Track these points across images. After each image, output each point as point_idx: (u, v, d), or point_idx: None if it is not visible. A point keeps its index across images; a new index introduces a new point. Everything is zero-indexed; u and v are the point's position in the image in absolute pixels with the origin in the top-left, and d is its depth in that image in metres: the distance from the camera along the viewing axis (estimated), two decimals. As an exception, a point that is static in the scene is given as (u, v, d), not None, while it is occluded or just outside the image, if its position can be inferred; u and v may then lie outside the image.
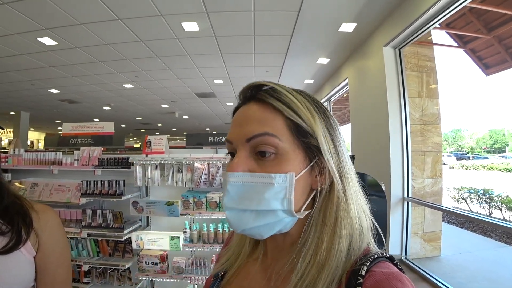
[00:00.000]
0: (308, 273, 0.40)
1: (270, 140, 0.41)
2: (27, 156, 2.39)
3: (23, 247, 0.69)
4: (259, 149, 0.41)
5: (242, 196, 0.41)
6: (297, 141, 0.42)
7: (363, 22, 3.69)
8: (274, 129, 0.41)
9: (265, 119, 0.42)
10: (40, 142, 17.52)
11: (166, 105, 9.25)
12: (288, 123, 0.42)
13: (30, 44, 4.11)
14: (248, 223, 0.41)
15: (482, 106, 10.44)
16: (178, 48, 4.48)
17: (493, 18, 3.36)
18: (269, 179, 0.40)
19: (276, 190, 0.40)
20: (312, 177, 0.43)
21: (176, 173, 2.19)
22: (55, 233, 0.78)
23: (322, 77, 6.43)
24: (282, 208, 0.41)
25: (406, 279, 0.37)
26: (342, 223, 0.41)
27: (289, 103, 0.42)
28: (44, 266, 0.74)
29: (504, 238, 4.60)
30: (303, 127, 0.42)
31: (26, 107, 8.97)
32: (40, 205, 0.79)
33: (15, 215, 0.71)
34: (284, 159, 0.41)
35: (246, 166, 0.42)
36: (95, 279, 2.25)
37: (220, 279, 0.54)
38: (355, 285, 0.37)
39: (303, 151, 0.42)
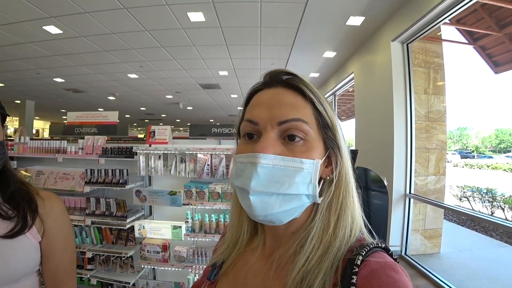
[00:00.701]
0: (314, 255, 0.41)
1: (303, 126, 0.42)
2: (32, 144, 2.41)
3: (29, 232, 0.71)
4: (289, 132, 0.42)
5: (272, 179, 0.41)
6: (321, 131, 0.44)
7: (371, 16, 3.63)
8: (306, 117, 0.43)
9: (298, 106, 0.43)
10: (45, 131, 17.66)
11: (171, 95, 9.24)
12: (315, 113, 0.44)
13: (36, 32, 4.11)
14: (274, 208, 0.42)
15: (490, 104, 10.28)
16: (184, 39, 4.45)
17: (506, 15, 3.27)
18: (300, 164, 0.41)
19: (304, 175, 0.42)
20: (323, 167, 0.45)
21: (179, 164, 2.20)
22: (60, 220, 0.79)
23: (328, 71, 6.37)
24: (307, 192, 0.42)
25: (401, 269, 0.37)
26: (345, 210, 0.44)
27: (318, 95, 0.45)
28: (49, 251, 0.75)
29: (505, 237, 4.58)
30: (326, 120, 0.44)
31: (31, 96, 9.03)
32: (45, 192, 0.80)
33: (21, 201, 0.72)
34: (311, 146, 0.43)
35: (275, 149, 0.42)
36: (98, 266, 2.29)
37: (218, 269, 0.55)
38: (350, 274, 0.37)
39: (323, 142, 0.45)
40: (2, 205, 0.70)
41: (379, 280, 0.35)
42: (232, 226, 0.56)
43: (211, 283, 0.54)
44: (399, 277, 0.36)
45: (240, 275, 0.52)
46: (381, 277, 0.36)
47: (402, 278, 0.36)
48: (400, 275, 0.36)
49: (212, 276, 0.54)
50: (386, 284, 0.35)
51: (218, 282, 0.54)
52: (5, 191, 0.72)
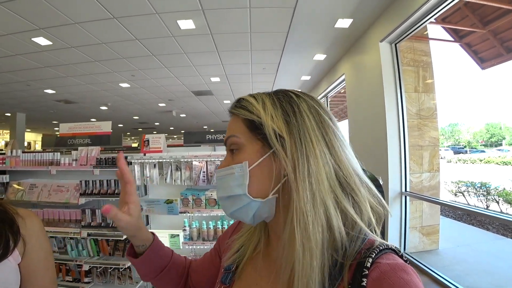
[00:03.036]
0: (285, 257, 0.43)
1: (233, 139, 0.49)
2: (24, 157, 2.38)
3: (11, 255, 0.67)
4: (230, 148, 0.51)
5: (222, 187, 0.50)
6: (253, 134, 0.48)
7: (359, 17, 3.69)
8: (235, 131, 0.50)
9: (231, 126, 0.51)
10: (37, 143, 17.41)
11: (163, 103, 9.21)
12: (245, 122, 0.49)
13: (25, 44, 4.08)
14: (229, 208, 0.49)
15: (479, 100, 10.47)
16: (174, 46, 4.46)
17: (488, 12, 3.36)
18: (231, 170, 0.48)
19: (236, 177, 0.47)
20: (276, 165, 0.46)
21: (175, 172, 2.19)
22: (41, 238, 0.76)
23: (319, 74, 6.43)
24: (242, 192, 0.46)
25: (412, 270, 0.37)
26: (295, 212, 0.42)
27: (247, 106, 0.50)
28: (30, 273, 0.71)
29: (502, 230, 4.64)
30: (255, 122, 0.48)
31: (22, 108, 8.91)
32: (24, 210, 0.76)
33: (1, 224, 0.68)
34: (241, 151, 0.48)
35: (227, 163, 0.50)
36: (96, 279, 2.26)
37: (232, 273, 0.55)
38: (360, 277, 0.37)
39: (261, 142, 0.47)
40: None
41: (390, 282, 0.35)
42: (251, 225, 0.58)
43: (226, 287, 0.54)
44: (410, 278, 0.35)
45: (253, 280, 0.52)
46: (392, 279, 0.35)
47: (414, 279, 0.36)
48: (411, 276, 0.36)
49: (227, 280, 0.54)
50: (398, 286, 0.35)
51: (234, 285, 0.54)
52: None
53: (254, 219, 0.48)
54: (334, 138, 0.47)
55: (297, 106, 0.47)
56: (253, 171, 0.46)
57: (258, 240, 0.56)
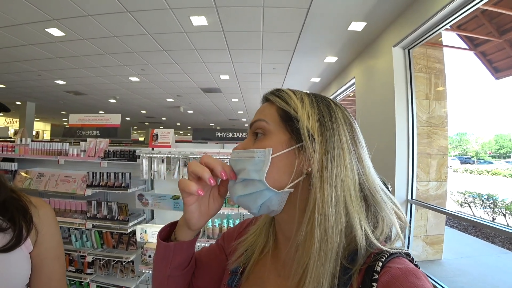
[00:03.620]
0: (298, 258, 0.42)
1: (261, 123, 0.49)
2: (33, 146, 2.40)
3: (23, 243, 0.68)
4: (254, 131, 0.51)
5: (237, 168, 0.48)
6: (283, 124, 0.48)
7: (373, 21, 3.65)
8: (266, 116, 0.50)
9: (263, 111, 0.51)
10: (46, 133, 17.63)
11: (171, 99, 9.25)
12: (279, 111, 0.49)
13: (38, 34, 4.12)
14: (238, 192, 0.47)
15: (490, 110, 10.32)
16: (186, 43, 4.47)
17: (506, 21, 3.30)
18: (251, 153, 0.47)
19: (255, 162, 0.46)
20: (300, 160, 0.46)
21: (183, 167, 2.19)
22: (52, 228, 0.77)
23: (329, 76, 6.39)
24: (259, 178, 0.45)
25: (423, 275, 0.37)
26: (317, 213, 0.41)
27: (285, 97, 0.50)
28: (41, 261, 0.72)
29: (507, 244, 4.57)
30: (290, 113, 0.48)
31: (32, 98, 9.02)
32: (37, 199, 0.78)
33: (15, 212, 0.69)
34: (267, 137, 0.48)
35: (245, 145, 0.51)
36: (98, 270, 2.27)
37: (239, 275, 0.55)
38: (370, 281, 0.37)
39: (289, 134, 0.47)
40: None
41: (400, 287, 0.34)
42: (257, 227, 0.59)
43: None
44: (421, 283, 0.35)
45: (260, 282, 0.52)
46: (403, 284, 0.35)
47: (425, 284, 0.35)
48: (422, 281, 0.35)
49: (234, 283, 0.54)
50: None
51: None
52: None
53: (260, 209, 0.47)
54: (363, 152, 0.48)
55: (334, 112, 0.48)
56: (275, 159, 0.45)
57: (265, 242, 0.56)
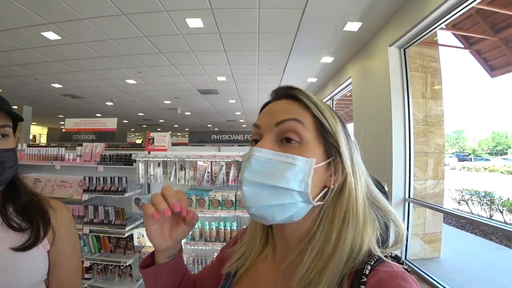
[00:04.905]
0: (314, 266, 0.41)
1: (298, 126, 0.44)
2: (29, 151, 2.39)
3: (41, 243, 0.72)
4: (285, 135, 0.44)
5: (264, 171, 0.42)
6: (320, 137, 0.45)
7: (369, 21, 3.66)
8: (303, 117, 0.45)
9: (296, 110, 0.45)
10: (42, 137, 17.56)
11: (169, 101, 9.24)
12: (314, 119, 0.45)
13: (34, 38, 4.10)
14: (264, 200, 0.42)
15: (486, 107, 10.39)
16: (182, 45, 4.47)
17: (500, 19, 3.32)
18: (292, 160, 0.42)
19: (296, 171, 0.42)
20: (327, 175, 0.45)
21: (179, 171, 2.19)
22: (69, 229, 0.82)
23: (326, 76, 6.40)
24: (299, 189, 0.42)
25: (411, 278, 0.37)
26: (350, 221, 0.43)
27: (317, 103, 0.46)
28: (57, 260, 0.77)
29: (505, 241, 4.59)
30: (326, 126, 0.45)
31: (29, 102, 8.99)
32: (55, 201, 0.82)
33: (34, 214, 0.73)
34: (306, 148, 0.43)
35: (271, 147, 0.44)
36: (96, 275, 2.26)
37: (231, 278, 0.55)
38: (359, 284, 0.37)
39: (323, 147, 0.45)
40: (15, 217, 0.71)
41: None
42: (249, 233, 0.58)
43: None
44: (408, 286, 0.35)
45: (254, 285, 0.52)
46: (389, 287, 0.35)
47: (412, 286, 0.35)
48: (409, 283, 0.35)
49: (226, 286, 0.54)
50: None
51: None
52: (17, 203, 0.73)
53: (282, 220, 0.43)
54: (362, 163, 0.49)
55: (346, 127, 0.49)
56: (314, 172, 0.43)
57: (261, 246, 0.56)
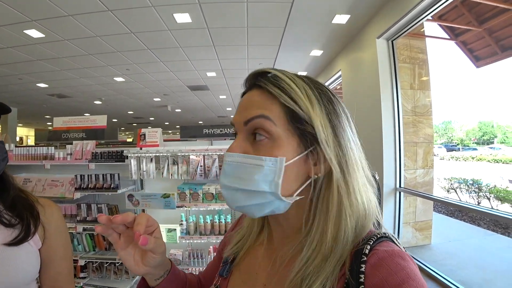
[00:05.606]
0: (313, 261, 0.41)
1: (265, 123, 0.42)
2: (18, 151, 2.34)
3: (32, 239, 0.72)
4: (255, 132, 0.43)
5: (236, 175, 0.43)
6: (292, 127, 0.42)
7: (357, 13, 3.69)
8: (270, 113, 0.42)
9: (263, 104, 0.43)
10: (30, 138, 17.12)
11: (159, 98, 9.13)
12: (284, 109, 0.42)
13: (16, 36, 3.98)
14: (240, 201, 0.43)
15: (472, 98, 10.64)
16: (170, 40, 4.41)
17: (485, 10, 3.39)
18: (260, 161, 0.41)
19: (265, 173, 0.41)
20: (308, 165, 0.43)
21: (172, 166, 2.18)
22: (60, 226, 0.81)
23: (316, 69, 6.43)
24: (269, 190, 0.41)
25: (408, 256, 0.38)
26: (346, 212, 0.41)
27: (287, 89, 0.42)
28: (49, 258, 0.76)
29: (492, 226, 4.74)
30: (299, 114, 0.42)
31: (13, 102, 8.74)
32: (44, 199, 0.81)
33: (23, 209, 0.73)
34: (276, 144, 0.42)
35: (242, 148, 0.44)
36: (91, 274, 2.25)
37: (229, 265, 0.55)
38: (359, 263, 0.38)
39: (298, 138, 0.42)
40: (4, 212, 0.70)
41: (387, 268, 0.36)
42: (248, 219, 0.58)
43: (224, 279, 0.54)
44: (407, 264, 0.36)
45: (252, 270, 0.52)
46: (389, 265, 0.36)
47: (410, 265, 0.37)
48: (408, 262, 0.37)
49: (224, 272, 0.55)
50: (395, 271, 0.35)
51: (231, 277, 0.54)
52: (5, 199, 0.72)
53: (263, 215, 0.44)
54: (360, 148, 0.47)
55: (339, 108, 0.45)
56: (285, 168, 0.41)
57: (258, 233, 0.56)
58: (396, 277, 0.35)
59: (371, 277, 0.36)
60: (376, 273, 0.36)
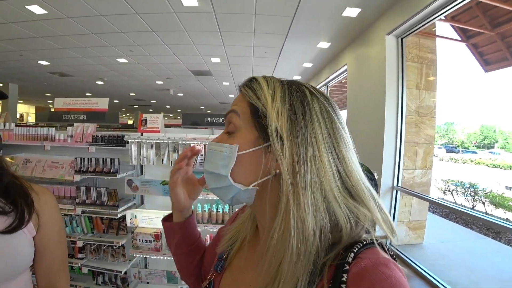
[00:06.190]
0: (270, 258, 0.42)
1: (233, 117, 0.48)
2: (18, 131, 2.32)
3: (26, 227, 0.71)
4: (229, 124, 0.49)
5: (210, 161, 0.49)
6: (254, 122, 0.46)
7: (368, 8, 3.60)
8: (238, 108, 0.48)
9: (237, 102, 0.49)
10: (30, 115, 17.06)
11: (161, 81, 9.05)
12: (250, 106, 0.47)
13: (18, 12, 3.89)
14: (211, 183, 0.49)
15: (477, 101, 10.59)
16: (176, 23, 4.32)
17: (499, 14, 3.30)
18: (222, 148, 0.47)
19: (223, 157, 0.46)
20: (268, 159, 0.44)
21: (172, 153, 2.17)
22: (54, 214, 0.80)
23: (322, 62, 6.35)
24: (225, 174, 0.46)
25: (394, 265, 0.37)
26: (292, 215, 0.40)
27: (256, 89, 0.47)
28: (44, 246, 0.76)
29: (484, 230, 4.81)
30: (259, 109, 0.45)
31: (14, 79, 8.66)
32: (38, 186, 0.80)
33: (17, 196, 0.71)
34: (237, 134, 0.47)
35: (219, 138, 0.50)
36: (89, 255, 2.28)
37: (223, 261, 0.57)
38: (341, 272, 0.37)
39: (257, 132, 0.45)
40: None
41: (370, 278, 0.35)
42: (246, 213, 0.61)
43: (218, 274, 0.56)
44: (391, 272, 0.35)
45: (242, 268, 0.54)
46: (372, 274, 0.35)
47: (395, 273, 0.35)
48: (393, 270, 0.35)
49: (218, 268, 0.57)
50: (378, 280, 0.34)
51: (224, 273, 0.56)
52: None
53: (232, 201, 0.48)
54: (344, 148, 0.44)
55: (308, 107, 0.44)
56: (241, 157, 0.45)
57: (248, 230, 0.57)
58: (379, 287, 0.34)
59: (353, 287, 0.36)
60: (358, 283, 0.35)
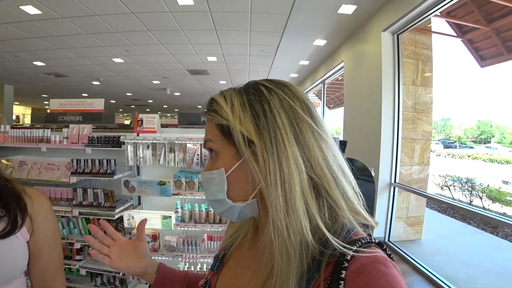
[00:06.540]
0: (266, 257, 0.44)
1: (210, 144, 0.48)
2: (13, 133, 2.30)
3: (19, 232, 0.70)
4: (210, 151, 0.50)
5: (207, 190, 0.50)
6: (226, 139, 0.46)
7: (363, 4, 3.60)
8: (211, 134, 0.48)
9: (207, 129, 0.50)
10: (26, 117, 16.96)
11: (158, 81, 9.01)
12: (218, 127, 0.47)
13: (12, 12, 3.86)
14: (217, 209, 0.50)
15: (473, 97, 10.62)
16: (171, 22, 4.30)
17: (494, 9, 3.30)
18: (211, 175, 0.48)
19: (216, 183, 0.47)
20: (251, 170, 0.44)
21: (168, 153, 2.17)
22: (48, 217, 0.79)
23: (318, 59, 6.34)
24: (223, 198, 0.47)
25: (391, 263, 0.38)
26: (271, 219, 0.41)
27: (217, 110, 0.47)
28: (38, 250, 0.74)
29: (482, 225, 4.83)
30: (224, 126, 0.46)
31: (10, 80, 8.60)
32: (31, 189, 0.78)
33: (10, 200, 0.70)
34: (218, 157, 0.48)
35: (208, 166, 0.50)
36: (87, 257, 2.27)
37: (220, 261, 0.58)
38: (340, 269, 0.38)
39: (234, 148, 0.45)
40: None
41: (367, 275, 0.36)
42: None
43: (214, 273, 0.56)
44: (388, 270, 0.36)
45: (240, 267, 0.54)
46: (370, 272, 0.36)
47: (392, 271, 0.36)
48: (390, 268, 0.36)
49: (215, 268, 0.57)
50: (375, 278, 0.35)
51: (222, 272, 0.56)
52: None
53: (240, 218, 0.49)
54: (308, 135, 0.43)
55: (267, 104, 0.44)
56: (230, 177, 0.46)
57: (248, 229, 0.57)
58: (376, 284, 0.35)
59: (351, 284, 0.36)
60: (356, 280, 0.36)
